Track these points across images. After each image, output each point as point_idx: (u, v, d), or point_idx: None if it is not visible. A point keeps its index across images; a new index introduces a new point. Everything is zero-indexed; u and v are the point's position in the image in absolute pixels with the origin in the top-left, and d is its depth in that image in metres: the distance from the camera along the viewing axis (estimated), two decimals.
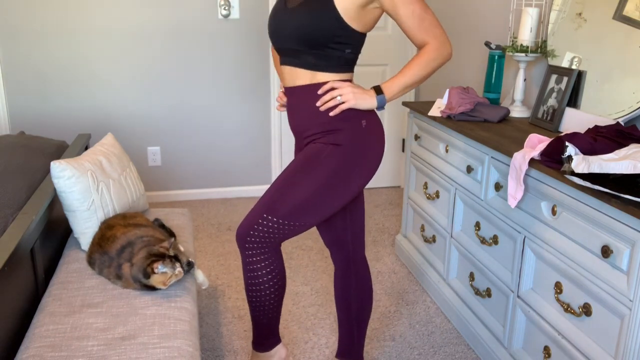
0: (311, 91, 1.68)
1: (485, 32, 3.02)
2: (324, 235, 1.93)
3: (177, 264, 1.73)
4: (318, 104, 1.67)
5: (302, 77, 1.69)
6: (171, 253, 1.74)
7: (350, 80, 1.72)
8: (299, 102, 1.73)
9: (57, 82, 3.55)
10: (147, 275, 1.68)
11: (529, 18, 2.39)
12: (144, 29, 3.57)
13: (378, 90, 1.67)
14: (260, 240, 1.69)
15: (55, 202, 2.00)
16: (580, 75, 2.18)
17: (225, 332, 2.37)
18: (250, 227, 1.69)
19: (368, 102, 1.66)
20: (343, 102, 1.65)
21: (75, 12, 3.46)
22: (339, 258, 1.92)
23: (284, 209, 1.66)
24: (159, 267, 1.68)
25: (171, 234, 2.12)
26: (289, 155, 3.97)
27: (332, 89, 1.66)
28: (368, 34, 1.72)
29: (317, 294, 2.68)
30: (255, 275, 1.75)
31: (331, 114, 1.66)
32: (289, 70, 1.71)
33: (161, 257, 1.71)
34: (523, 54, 2.40)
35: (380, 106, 1.68)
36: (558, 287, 1.76)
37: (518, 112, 2.50)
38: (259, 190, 3.97)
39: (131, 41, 3.57)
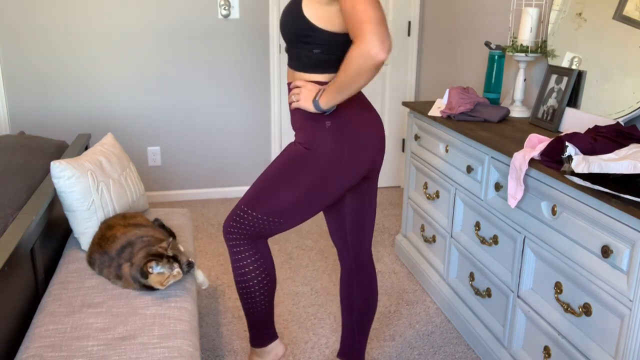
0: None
1: (485, 32, 3.02)
2: (331, 232, 1.94)
3: (175, 265, 1.73)
4: (288, 97, 1.72)
5: (289, 75, 1.74)
6: (169, 253, 1.74)
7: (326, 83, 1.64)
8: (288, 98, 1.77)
9: (57, 82, 3.55)
10: (145, 275, 1.68)
11: (529, 18, 2.39)
12: (144, 28, 3.57)
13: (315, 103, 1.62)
14: (241, 231, 1.75)
15: (55, 202, 2.00)
16: (580, 75, 2.18)
17: (225, 332, 2.37)
18: (231, 219, 1.76)
19: (308, 105, 1.62)
20: (298, 101, 1.66)
21: (75, 13, 3.45)
22: (343, 257, 1.93)
23: (262, 206, 1.71)
24: (154, 267, 1.68)
25: (171, 234, 2.12)
26: None
27: (298, 87, 1.66)
28: None
29: (317, 294, 2.68)
30: (240, 265, 1.80)
31: (290, 107, 1.72)
32: (287, 67, 1.77)
33: (159, 257, 1.71)
34: (523, 54, 2.40)
35: (322, 111, 1.61)
36: (558, 287, 1.76)
37: (518, 112, 2.50)
38: None
39: (131, 41, 3.57)
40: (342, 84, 1.52)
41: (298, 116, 1.72)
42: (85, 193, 1.95)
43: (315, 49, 1.60)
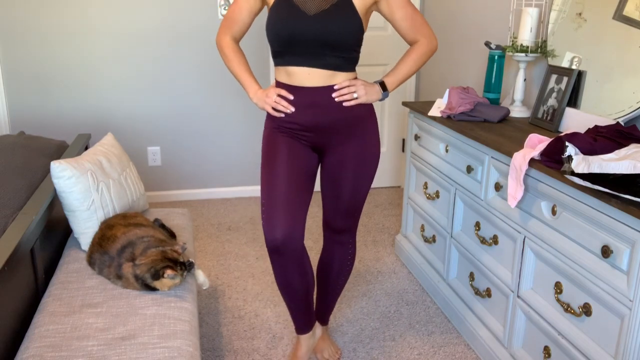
0: (332, 91, 1.82)
1: (485, 32, 3.02)
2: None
3: (185, 272, 1.74)
4: (335, 95, 1.81)
5: (320, 77, 1.78)
6: (181, 259, 1.75)
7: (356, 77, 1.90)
8: (321, 100, 1.81)
9: (57, 82, 3.55)
10: (157, 277, 1.69)
11: (529, 18, 2.39)
12: (144, 29, 3.57)
13: (383, 86, 1.89)
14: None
15: (55, 202, 2.00)
16: (580, 75, 2.18)
17: (225, 332, 2.37)
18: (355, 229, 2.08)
19: (375, 97, 1.88)
20: (357, 98, 1.84)
21: (75, 12, 3.46)
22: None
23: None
24: (170, 275, 1.69)
25: (171, 234, 2.12)
26: None
27: (348, 85, 1.83)
28: (368, 34, 1.80)
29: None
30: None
31: (345, 104, 1.83)
32: (305, 70, 1.78)
33: (174, 262, 1.71)
34: (523, 54, 2.40)
35: (383, 99, 1.92)
36: (558, 287, 1.76)
37: (518, 112, 2.50)
38: (259, 190, 3.96)
39: (131, 41, 3.57)
40: (410, 75, 1.91)
41: (353, 111, 1.84)
42: (85, 193, 1.95)
43: (360, 49, 1.84)
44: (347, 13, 1.73)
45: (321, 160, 1.96)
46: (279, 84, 1.87)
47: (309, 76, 1.78)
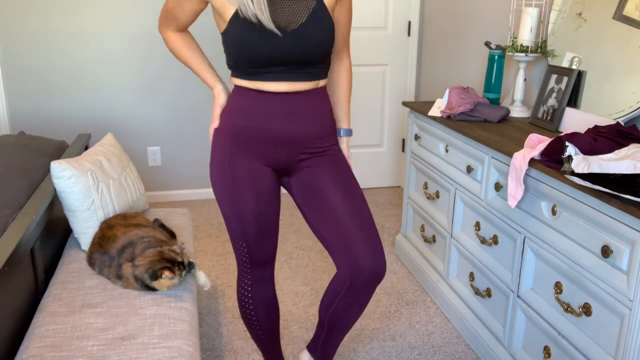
0: (315, 95, 1.64)
1: (485, 32, 3.02)
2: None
3: (184, 272, 1.74)
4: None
5: (301, 86, 1.60)
6: (180, 259, 1.75)
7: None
8: (303, 106, 1.62)
9: (57, 82, 3.55)
10: (155, 277, 1.69)
11: (529, 18, 2.39)
12: (144, 28, 3.57)
13: (347, 130, 1.79)
14: None
15: (55, 202, 2.00)
16: (580, 75, 2.18)
17: (225, 332, 2.37)
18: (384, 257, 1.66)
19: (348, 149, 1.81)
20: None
21: (75, 13, 3.45)
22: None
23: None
24: (168, 276, 1.69)
25: (171, 234, 2.12)
26: None
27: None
28: (368, 33, 1.74)
29: (317, 294, 2.68)
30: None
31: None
32: (283, 85, 1.58)
33: (172, 262, 1.71)
34: (523, 54, 2.40)
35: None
36: (558, 287, 1.76)
37: (518, 112, 2.50)
38: None
39: (131, 41, 3.57)
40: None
41: (329, 118, 1.70)
42: (85, 193, 1.95)
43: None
44: (325, 19, 1.54)
45: (290, 184, 1.72)
46: (242, 90, 1.63)
47: (288, 87, 1.58)
